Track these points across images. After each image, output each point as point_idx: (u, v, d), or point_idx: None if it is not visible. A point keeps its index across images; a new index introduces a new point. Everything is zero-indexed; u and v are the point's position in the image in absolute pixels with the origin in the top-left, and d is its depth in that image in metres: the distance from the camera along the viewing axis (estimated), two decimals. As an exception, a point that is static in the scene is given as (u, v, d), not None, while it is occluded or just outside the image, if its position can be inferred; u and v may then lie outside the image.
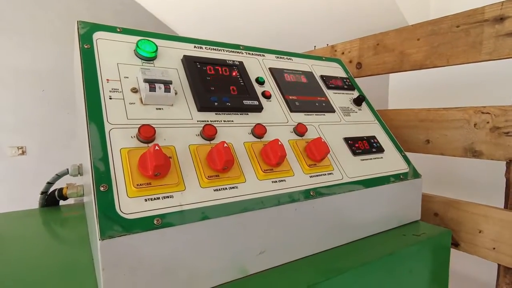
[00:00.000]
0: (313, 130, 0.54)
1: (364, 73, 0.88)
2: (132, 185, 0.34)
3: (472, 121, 0.65)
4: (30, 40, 2.46)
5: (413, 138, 0.75)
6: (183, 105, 0.45)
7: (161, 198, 0.35)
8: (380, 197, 0.53)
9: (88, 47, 0.43)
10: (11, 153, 2.44)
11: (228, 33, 1.83)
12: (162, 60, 0.48)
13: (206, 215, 0.36)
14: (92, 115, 0.37)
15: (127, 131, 0.38)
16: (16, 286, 0.37)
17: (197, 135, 0.42)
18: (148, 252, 0.32)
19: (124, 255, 0.31)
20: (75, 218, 0.65)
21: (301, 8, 1.48)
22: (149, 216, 0.32)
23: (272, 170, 0.44)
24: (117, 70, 0.43)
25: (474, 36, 0.65)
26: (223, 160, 0.38)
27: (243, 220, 0.38)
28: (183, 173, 0.38)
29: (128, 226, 0.31)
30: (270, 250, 0.41)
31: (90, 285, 0.36)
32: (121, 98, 0.41)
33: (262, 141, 0.47)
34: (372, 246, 0.50)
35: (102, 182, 0.33)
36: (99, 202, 0.31)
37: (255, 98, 0.51)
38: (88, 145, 0.35)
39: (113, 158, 0.35)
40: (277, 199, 0.41)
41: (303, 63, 0.67)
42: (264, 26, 1.70)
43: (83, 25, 0.45)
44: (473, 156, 0.65)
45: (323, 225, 0.46)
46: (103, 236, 0.29)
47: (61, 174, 0.69)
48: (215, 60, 0.52)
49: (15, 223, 0.62)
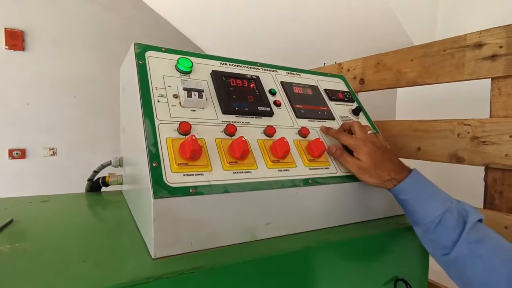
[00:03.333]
0: (315, 133, 0.66)
1: (366, 88, 0.99)
2: (175, 164, 0.46)
3: (456, 131, 0.75)
4: (67, 50, 2.69)
5: (406, 146, 0.85)
6: (211, 109, 0.58)
7: (195, 174, 0.47)
8: (368, 190, 0.64)
9: (142, 63, 0.57)
10: (44, 153, 2.64)
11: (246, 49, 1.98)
12: (196, 73, 0.62)
13: (226, 189, 0.48)
14: (146, 113, 0.51)
15: (171, 126, 0.51)
16: (73, 246, 0.50)
17: (221, 131, 0.55)
18: (185, 211, 0.44)
19: (168, 211, 0.43)
20: (115, 201, 0.78)
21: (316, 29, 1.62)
22: (186, 186, 0.45)
23: (278, 161, 0.56)
24: (163, 80, 0.57)
25: (458, 58, 0.76)
26: (241, 150, 0.50)
27: (254, 197, 0.50)
28: (211, 158, 0.50)
29: (172, 191, 0.44)
30: (274, 222, 0.52)
31: (137, 239, 0.49)
32: (165, 101, 0.54)
33: (272, 139, 0.59)
34: (359, 228, 0.60)
35: (154, 160, 0.46)
36: (152, 173, 0.44)
37: (268, 106, 0.63)
38: (144, 134, 0.48)
39: (161, 144, 0.48)
40: (281, 183, 0.53)
41: (310, 78, 0.79)
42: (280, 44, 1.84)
43: (138, 46, 0.60)
44: (457, 162, 0.75)
45: (318, 208, 0.58)
46: (155, 196, 0.42)
47: (105, 164, 0.83)
48: (236, 74, 0.65)
49: (68, 203, 0.76)
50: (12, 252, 0.44)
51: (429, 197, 0.55)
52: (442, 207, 0.53)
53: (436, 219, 0.52)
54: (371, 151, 0.59)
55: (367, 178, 0.59)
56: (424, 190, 0.56)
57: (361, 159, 0.59)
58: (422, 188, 0.56)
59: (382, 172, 0.57)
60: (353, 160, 0.61)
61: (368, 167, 0.58)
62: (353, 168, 0.60)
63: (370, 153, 0.59)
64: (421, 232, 0.56)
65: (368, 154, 0.59)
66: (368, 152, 0.59)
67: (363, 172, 0.59)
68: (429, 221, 0.53)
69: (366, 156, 0.59)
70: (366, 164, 0.58)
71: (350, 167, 0.61)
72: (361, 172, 0.59)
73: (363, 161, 0.59)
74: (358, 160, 0.60)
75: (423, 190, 0.56)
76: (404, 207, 0.58)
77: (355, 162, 0.60)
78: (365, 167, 0.59)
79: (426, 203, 0.54)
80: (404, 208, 0.58)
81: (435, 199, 0.54)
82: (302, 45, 1.80)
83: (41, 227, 0.57)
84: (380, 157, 0.59)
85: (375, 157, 0.58)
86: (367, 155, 0.59)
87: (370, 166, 0.58)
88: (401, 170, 0.58)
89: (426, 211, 0.54)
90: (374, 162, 0.58)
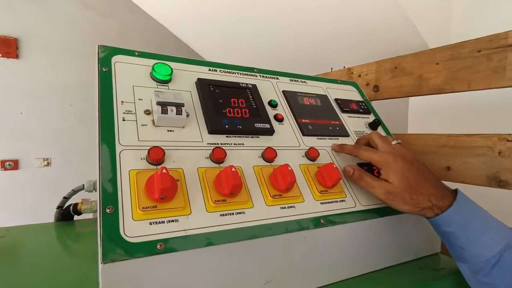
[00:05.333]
0: (326, 154, 0.53)
1: (381, 96, 0.87)
2: (138, 208, 0.34)
3: (497, 149, 0.62)
4: (61, 57, 2.60)
5: (432, 165, 0.72)
6: (194, 128, 0.45)
7: (166, 222, 0.34)
8: (395, 227, 0.51)
9: (106, 70, 0.45)
10: (37, 164, 2.54)
11: (247, 53, 1.87)
12: (176, 82, 0.49)
13: (210, 241, 0.35)
14: (105, 136, 0.38)
15: (137, 153, 0.38)
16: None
17: (206, 157, 0.42)
18: (150, 277, 0.31)
19: (125, 280, 0.30)
20: (87, 233, 0.66)
21: (320, 31, 1.50)
22: (152, 241, 0.32)
23: (281, 196, 0.43)
24: (132, 92, 0.44)
25: (497, 61, 0.63)
26: (231, 185, 0.37)
27: (249, 248, 0.37)
28: (190, 197, 0.37)
29: (131, 250, 0.31)
30: (276, 280, 0.39)
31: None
32: (134, 119, 0.42)
33: (272, 165, 0.46)
34: (386, 279, 0.47)
35: (108, 204, 0.33)
36: (104, 224, 0.31)
37: (267, 121, 0.51)
38: (98, 166, 0.35)
39: (121, 179, 0.35)
40: (285, 227, 0.40)
41: (317, 86, 0.66)
42: (282, 48, 1.72)
43: (103, 49, 0.48)
44: (498, 186, 0.62)
45: (333, 256, 0.44)
46: (105, 260, 0.29)
47: (76, 189, 0.70)
48: (228, 83, 0.53)
49: (31, 236, 0.64)
50: None
51: (482, 229, 0.42)
52: (501, 242, 0.40)
53: (492, 259, 0.40)
54: (403, 169, 0.46)
55: (400, 204, 0.45)
56: (475, 219, 0.43)
57: (390, 180, 0.46)
58: (472, 217, 0.43)
59: (420, 197, 0.44)
60: (379, 183, 0.47)
61: (401, 190, 0.45)
62: (381, 193, 0.47)
63: (402, 171, 0.45)
64: (469, 273, 0.43)
65: (400, 172, 0.45)
66: (399, 170, 0.46)
67: (394, 197, 0.45)
68: (482, 260, 0.41)
69: (397, 175, 0.45)
70: (398, 186, 0.45)
71: (376, 192, 0.47)
72: (391, 198, 0.46)
73: (393, 183, 0.45)
74: (385, 182, 0.46)
75: (473, 219, 0.43)
76: (447, 241, 0.45)
77: (383, 186, 0.46)
78: (397, 191, 0.45)
79: (479, 238, 0.42)
80: (448, 242, 0.45)
81: (489, 232, 0.42)
82: (305, 49, 1.68)
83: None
84: (415, 176, 0.45)
85: (409, 177, 0.45)
86: (399, 174, 0.45)
87: (403, 189, 0.45)
88: (443, 194, 0.44)
89: (478, 248, 0.41)
90: (408, 183, 0.45)
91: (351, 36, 1.46)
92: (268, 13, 1.55)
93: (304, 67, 1.76)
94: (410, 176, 0.45)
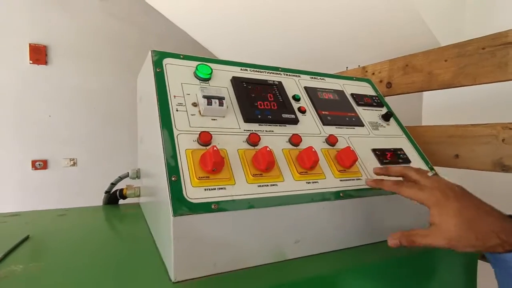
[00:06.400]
0: (343, 141, 0.61)
1: (394, 91, 0.93)
2: (195, 177, 0.42)
3: (501, 137, 0.68)
4: (86, 62, 2.75)
5: (442, 153, 0.78)
6: (232, 117, 0.54)
7: (217, 189, 0.43)
8: (406, 203, 0.58)
9: (160, 70, 0.54)
10: (65, 164, 2.69)
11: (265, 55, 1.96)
12: (215, 80, 0.58)
13: (251, 205, 0.43)
14: (164, 123, 0.47)
15: (190, 136, 0.47)
16: (88, 266, 0.47)
17: (243, 141, 0.51)
18: (207, 229, 0.40)
19: (189, 230, 0.39)
20: (132, 215, 0.75)
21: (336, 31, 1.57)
22: (208, 202, 0.41)
23: (306, 173, 0.51)
24: (181, 88, 0.53)
25: (500, 57, 0.69)
26: (266, 162, 0.46)
27: (281, 212, 0.46)
28: (234, 171, 0.46)
29: (193, 208, 0.40)
30: (304, 240, 0.47)
31: (156, 259, 0.45)
32: (184, 110, 0.51)
33: (298, 148, 0.54)
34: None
35: (173, 174, 0.42)
36: (172, 189, 0.40)
37: (292, 112, 0.59)
38: (162, 146, 0.44)
39: (180, 156, 0.44)
40: (310, 197, 0.48)
41: (335, 83, 0.74)
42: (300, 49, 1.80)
43: (155, 53, 0.57)
44: (502, 171, 0.68)
45: (351, 224, 0.52)
46: (175, 214, 0.38)
47: (122, 176, 0.80)
48: (258, 80, 0.62)
49: (84, 216, 0.74)
50: (24, 272, 0.42)
51: None
52: None
53: None
54: (460, 207, 0.40)
55: (467, 247, 0.39)
56: None
57: (447, 222, 0.40)
58: None
59: (487, 235, 0.38)
60: (435, 232, 0.41)
61: (464, 233, 0.39)
62: (441, 242, 0.40)
63: (459, 210, 0.40)
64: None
65: (457, 211, 0.40)
66: (455, 209, 0.40)
67: (457, 243, 0.39)
68: None
69: (456, 216, 0.40)
70: (458, 228, 0.39)
71: (436, 242, 0.40)
72: (454, 244, 0.39)
73: (451, 226, 0.39)
74: (442, 228, 0.40)
75: None
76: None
77: (441, 233, 0.40)
78: (459, 235, 0.39)
79: None
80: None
81: None
82: (320, 49, 1.76)
83: (56, 244, 0.55)
84: (474, 212, 0.40)
85: (468, 215, 0.40)
86: (457, 214, 0.40)
87: (465, 231, 0.39)
88: (510, 226, 0.39)
89: None
90: (468, 222, 0.39)
91: (365, 37, 1.52)
92: (284, 16, 1.63)
93: (320, 66, 1.84)
94: (469, 214, 0.40)
